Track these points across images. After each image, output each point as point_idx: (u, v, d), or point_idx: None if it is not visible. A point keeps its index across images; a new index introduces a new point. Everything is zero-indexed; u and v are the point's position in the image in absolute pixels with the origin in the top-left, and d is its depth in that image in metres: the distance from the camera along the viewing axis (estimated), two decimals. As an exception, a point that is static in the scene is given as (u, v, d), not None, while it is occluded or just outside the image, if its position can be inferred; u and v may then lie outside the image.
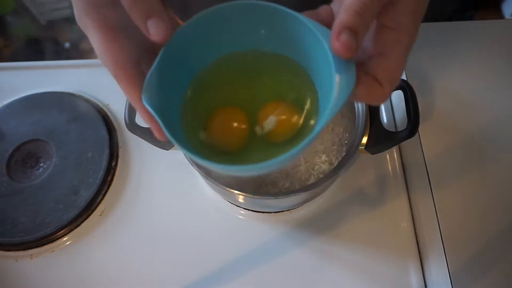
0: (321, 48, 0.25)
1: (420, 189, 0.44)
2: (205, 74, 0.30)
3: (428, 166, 0.44)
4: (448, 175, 0.44)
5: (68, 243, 0.46)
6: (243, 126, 0.30)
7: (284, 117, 0.29)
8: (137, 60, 0.26)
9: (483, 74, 0.49)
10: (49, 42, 1.67)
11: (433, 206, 0.42)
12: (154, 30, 0.24)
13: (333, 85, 0.23)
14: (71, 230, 0.47)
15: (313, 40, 0.25)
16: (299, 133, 0.30)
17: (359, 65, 0.25)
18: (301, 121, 0.29)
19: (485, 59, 0.50)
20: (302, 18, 0.25)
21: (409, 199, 0.46)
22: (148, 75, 0.25)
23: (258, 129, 0.29)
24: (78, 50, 1.69)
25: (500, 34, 0.53)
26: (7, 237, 0.46)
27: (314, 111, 0.29)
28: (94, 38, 0.25)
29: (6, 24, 1.65)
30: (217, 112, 0.30)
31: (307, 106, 0.29)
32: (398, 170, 0.48)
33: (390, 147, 0.41)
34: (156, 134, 0.26)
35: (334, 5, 0.29)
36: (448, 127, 0.46)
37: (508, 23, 0.62)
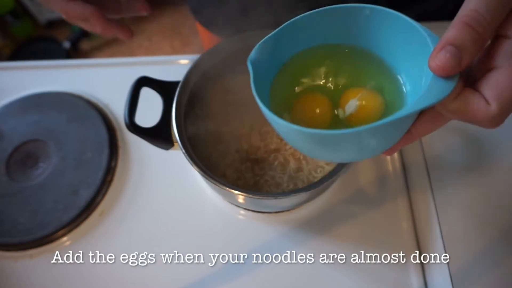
0: (427, 52, 0.22)
1: (420, 189, 0.44)
2: (296, 59, 0.31)
3: (428, 166, 0.44)
4: (448, 175, 0.44)
5: (68, 243, 0.46)
6: (326, 110, 0.30)
7: (365, 101, 0.28)
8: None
9: (483, 74, 0.49)
10: (49, 42, 1.67)
11: (433, 206, 0.42)
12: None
13: (428, 84, 0.21)
14: (71, 230, 0.47)
15: (420, 43, 0.24)
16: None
17: (465, 78, 0.21)
18: (382, 107, 0.28)
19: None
20: (414, 23, 0.24)
21: (409, 199, 0.46)
22: (264, 38, 0.27)
23: (340, 112, 0.29)
24: (78, 50, 1.69)
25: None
26: (6, 237, 0.46)
27: (399, 102, 0.28)
28: (57, 4, 0.33)
29: (5, 24, 1.64)
30: (302, 97, 0.31)
31: (389, 94, 0.29)
32: (398, 170, 0.48)
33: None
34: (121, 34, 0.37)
35: None
36: (448, 127, 0.46)
37: (508, 23, 0.61)
